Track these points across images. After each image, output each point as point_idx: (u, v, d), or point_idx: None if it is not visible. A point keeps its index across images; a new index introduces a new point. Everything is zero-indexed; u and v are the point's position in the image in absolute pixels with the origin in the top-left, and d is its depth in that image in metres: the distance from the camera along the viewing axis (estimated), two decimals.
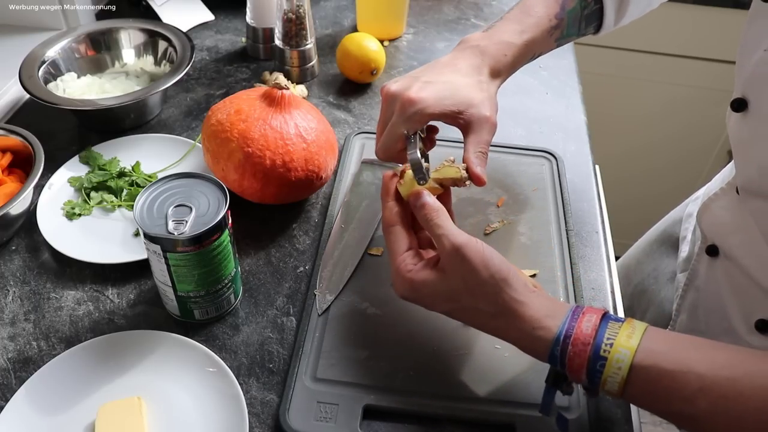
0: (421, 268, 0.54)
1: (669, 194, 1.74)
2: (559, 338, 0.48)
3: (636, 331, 0.47)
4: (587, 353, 0.47)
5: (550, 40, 0.69)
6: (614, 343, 0.46)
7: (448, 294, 0.52)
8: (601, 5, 0.71)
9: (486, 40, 0.66)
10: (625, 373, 0.46)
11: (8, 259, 0.70)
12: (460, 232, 0.53)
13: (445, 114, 0.60)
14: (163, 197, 0.59)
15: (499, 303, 0.50)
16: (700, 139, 1.66)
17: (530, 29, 0.67)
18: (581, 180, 0.81)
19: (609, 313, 0.50)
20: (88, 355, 0.60)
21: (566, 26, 0.69)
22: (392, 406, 0.57)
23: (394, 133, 0.61)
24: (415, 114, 0.60)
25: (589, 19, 0.72)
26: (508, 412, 0.57)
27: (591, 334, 0.47)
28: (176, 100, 0.92)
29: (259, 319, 0.65)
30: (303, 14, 0.91)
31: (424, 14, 1.14)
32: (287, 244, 0.73)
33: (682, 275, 0.78)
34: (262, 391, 0.59)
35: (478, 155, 0.59)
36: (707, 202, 0.69)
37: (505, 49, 0.65)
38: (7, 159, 0.74)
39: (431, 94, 0.60)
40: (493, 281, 0.50)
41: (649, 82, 1.57)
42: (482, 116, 0.61)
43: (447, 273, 0.52)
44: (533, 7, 0.68)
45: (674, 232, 0.87)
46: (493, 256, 0.51)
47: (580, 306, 0.50)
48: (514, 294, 0.50)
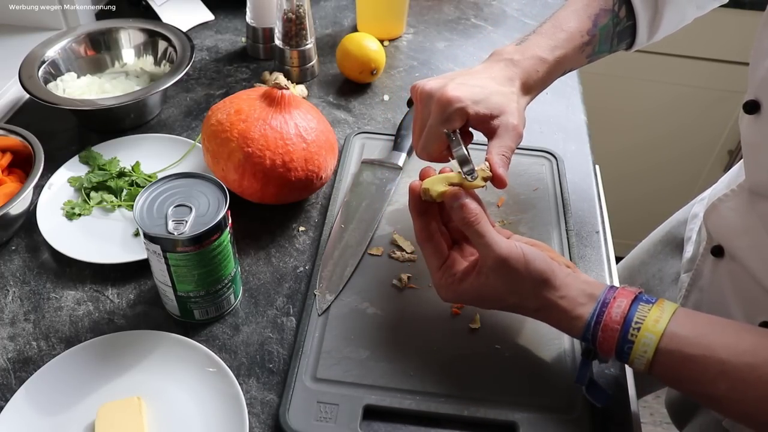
0: (462, 277, 0.56)
1: (669, 194, 1.75)
2: (590, 324, 0.52)
3: (665, 313, 0.50)
4: (615, 338, 0.51)
5: (581, 56, 0.68)
6: (641, 327, 0.50)
7: (493, 296, 0.55)
8: (633, 21, 0.70)
9: (519, 54, 0.65)
10: (651, 356, 0.50)
11: (8, 259, 0.70)
12: (501, 239, 0.54)
13: (478, 115, 0.60)
14: (163, 197, 0.59)
15: (540, 299, 0.54)
16: (700, 138, 1.66)
17: (562, 45, 0.66)
18: (581, 180, 0.81)
19: (641, 294, 0.52)
20: (88, 355, 0.60)
21: (598, 42, 0.68)
22: (392, 406, 0.57)
23: (435, 133, 0.60)
24: (454, 113, 0.59)
25: (622, 36, 0.70)
26: (509, 412, 0.56)
27: (619, 321, 0.51)
28: (176, 100, 0.92)
29: (259, 319, 0.65)
30: (303, 14, 0.91)
31: (424, 14, 1.14)
32: (287, 244, 0.73)
33: (686, 275, 0.78)
34: (262, 391, 0.59)
35: (501, 157, 0.58)
36: (716, 203, 0.69)
37: (538, 65, 0.64)
38: (7, 159, 0.74)
39: (467, 94, 0.60)
40: (535, 283, 0.53)
41: (649, 82, 1.57)
42: (510, 124, 0.60)
43: (490, 279, 0.54)
44: (565, 21, 0.67)
45: (679, 233, 0.87)
46: (534, 258, 0.53)
47: (614, 287, 0.53)
48: (554, 290, 0.53)
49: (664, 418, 1.69)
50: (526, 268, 0.53)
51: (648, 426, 1.68)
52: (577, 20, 0.67)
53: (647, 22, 0.70)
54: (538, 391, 0.58)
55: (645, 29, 0.71)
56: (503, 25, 1.11)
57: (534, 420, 0.56)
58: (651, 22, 0.71)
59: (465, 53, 1.04)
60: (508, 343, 0.62)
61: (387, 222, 0.74)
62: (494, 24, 1.11)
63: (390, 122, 0.89)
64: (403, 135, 0.82)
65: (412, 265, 0.69)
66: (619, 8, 0.69)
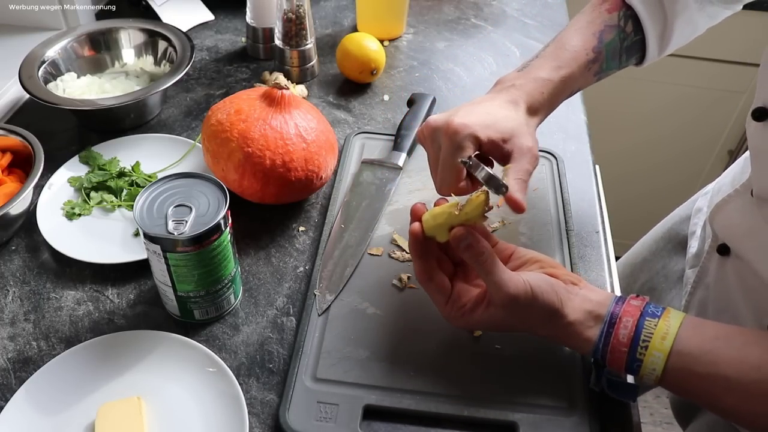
0: (473, 308, 0.56)
1: (669, 194, 1.74)
2: (598, 347, 0.53)
3: (671, 328, 0.51)
4: (624, 359, 0.52)
5: (588, 75, 0.67)
6: (649, 345, 0.51)
7: (503, 325, 0.56)
8: (642, 36, 0.68)
9: (521, 79, 0.64)
10: (659, 374, 0.51)
11: (8, 259, 0.70)
12: (509, 277, 0.53)
13: (490, 140, 0.58)
14: (163, 197, 0.59)
15: (549, 328, 0.55)
16: (700, 138, 1.66)
17: (567, 64, 0.65)
18: (581, 180, 0.81)
19: (647, 306, 0.53)
20: (88, 355, 0.60)
21: (605, 59, 0.67)
22: (392, 406, 0.57)
23: (450, 165, 0.59)
24: (464, 139, 0.58)
25: (630, 51, 0.69)
26: (509, 412, 0.56)
27: (626, 343, 0.52)
28: (176, 100, 0.92)
29: (259, 319, 0.65)
30: (303, 14, 0.91)
31: (424, 14, 1.14)
32: (287, 244, 0.73)
33: (691, 271, 0.77)
34: (262, 391, 0.59)
35: (518, 181, 0.57)
36: (721, 203, 0.68)
37: (542, 87, 0.63)
38: (7, 159, 0.74)
39: (476, 120, 0.58)
40: (543, 315, 0.54)
41: (649, 82, 1.57)
42: (525, 146, 0.59)
43: (499, 312, 0.55)
44: (569, 41, 0.66)
45: (681, 229, 0.87)
46: (542, 292, 0.53)
47: (620, 301, 0.54)
48: (562, 318, 0.54)
49: (664, 418, 1.69)
50: (534, 303, 0.53)
51: (648, 426, 1.68)
52: (581, 38, 0.66)
53: (657, 36, 0.69)
54: (538, 391, 0.58)
55: (655, 43, 0.69)
56: (503, 25, 1.11)
57: (534, 420, 0.56)
58: (661, 36, 0.69)
59: (465, 53, 1.04)
60: (508, 343, 0.62)
61: (387, 222, 0.74)
62: (494, 24, 1.11)
63: (390, 122, 0.89)
64: (403, 135, 0.82)
65: (413, 265, 0.69)
66: (626, 23, 0.67)
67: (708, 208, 0.79)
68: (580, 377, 0.59)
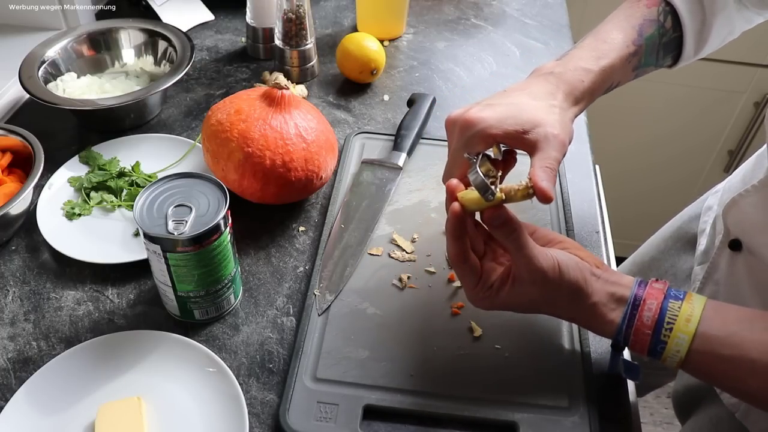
0: (497, 289, 0.56)
1: (669, 194, 1.75)
2: (621, 329, 0.53)
3: (695, 310, 0.51)
4: (648, 341, 0.52)
5: (628, 68, 0.66)
6: (674, 327, 0.51)
7: (528, 304, 0.56)
8: (680, 33, 0.67)
9: (560, 67, 0.62)
10: (683, 356, 0.51)
11: (8, 259, 0.70)
12: (538, 251, 0.53)
13: (508, 134, 0.56)
14: (163, 197, 0.59)
15: (572, 308, 0.55)
16: (700, 138, 1.66)
17: (607, 55, 0.63)
18: (581, 180, 0.81)
19: (670, 290, 0.53)
20: (88, 355, 0.60)
21: (644, 54, 0.66)
22: (392, 406, 0.57)
23: (455, 158, 0.58)
24: (474, 135, 0.57)
25: (668, 48, 0.68)
26: (509, 412, 0.56)
27: (651, 325, 0.52)
28: (176, 100, 0.92)
29: (259, 319, 0.65)
30: (303, 14, 0.91)
31: (424, 14, 1.14)
32: (287, 244, 0.73)
33: (700, 268, 0.77)
34: (262, 391, 0.59)
35: (544, 169, 0.54)
36: (736, 198, 0.68)
37: (582, 75, 0.62)
38: (7, 159, 0.74)
39: (492, 114, 0.57)
40: (569, 293, 0.54)
41: (649, 82, 1.56)
42: (550, 134, 0.56)
43: (526, 288, 0.54)
44: (609, 33, 0.65)
45: (690, 228, 0.86)
46: (568, 268, 0.53)
47: (642, 284, 0.54)
48: (586, 298, 0.54)
49: (665, 418, 1.69)
50: (560, 279, 0.53)
51: (648, 426, 1.68)
52: (621, 31, 0.65)
53: (694, 33, 0.68)
54: (538, 391, 0.58)
55: (692, 41, 0.68)
56: (503, 25, 1.11)
57: (534, 420, 0.56)
58: (699, 33, 0.68)
59: (465, 53, 1.04)
60: (508, 343, 0.62)
61: (387, 222, 0.74)
62: (494, 24, 1.11)
63: (390, 122, 0.89)
64: (403, 135, 0.82)
65: (412, 265, 0.69)
66: (665, 19, 0.66)
67: (719, 206, 0.79)
68: (580, 377, 0.59)
